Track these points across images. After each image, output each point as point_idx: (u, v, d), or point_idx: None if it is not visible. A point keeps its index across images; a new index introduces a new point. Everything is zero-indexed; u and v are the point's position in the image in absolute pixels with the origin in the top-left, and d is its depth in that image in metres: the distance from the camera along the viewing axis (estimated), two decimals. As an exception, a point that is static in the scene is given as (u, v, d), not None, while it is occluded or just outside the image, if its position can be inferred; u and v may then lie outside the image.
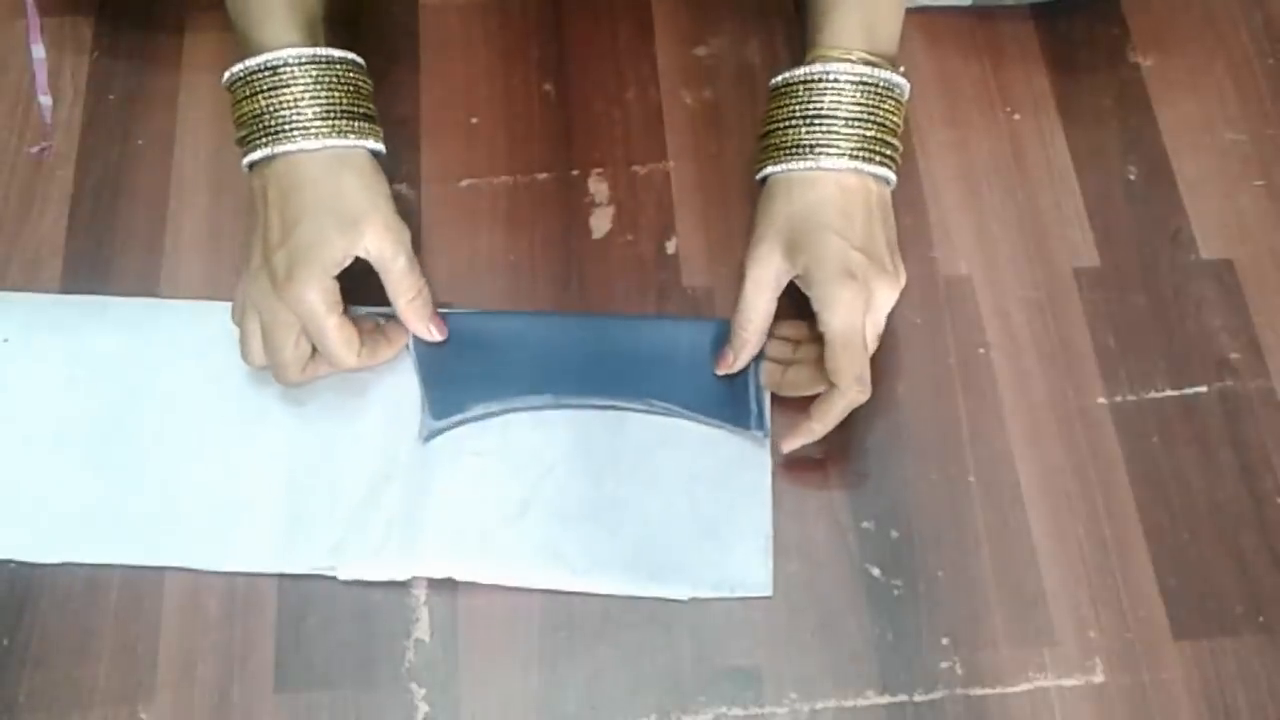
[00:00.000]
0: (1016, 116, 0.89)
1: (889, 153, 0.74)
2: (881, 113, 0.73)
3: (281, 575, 0.72)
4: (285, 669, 0.71)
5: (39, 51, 0.88)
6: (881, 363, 0.79)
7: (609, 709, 0.70)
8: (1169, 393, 0.79)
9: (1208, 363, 0.80)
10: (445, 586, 0.73)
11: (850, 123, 0.72)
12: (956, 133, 0.88)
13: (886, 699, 0.70)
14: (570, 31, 0.91)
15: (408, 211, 0.84)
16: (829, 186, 0.72)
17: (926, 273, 0.83)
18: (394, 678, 0.70)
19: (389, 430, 0.76)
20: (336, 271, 0.71)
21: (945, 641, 0.72)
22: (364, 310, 0.77)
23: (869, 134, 0.73)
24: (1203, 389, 0.79)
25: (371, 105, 0.75)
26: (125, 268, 0.82)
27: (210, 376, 0.78)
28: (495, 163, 0.85)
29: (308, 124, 0.72)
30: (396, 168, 0.85)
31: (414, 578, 0.73)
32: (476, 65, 0.90)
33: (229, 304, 0.78)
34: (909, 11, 0.91)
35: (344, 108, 0.73)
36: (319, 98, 0.72)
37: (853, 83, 0.73)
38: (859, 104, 0.73)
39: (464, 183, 0.85)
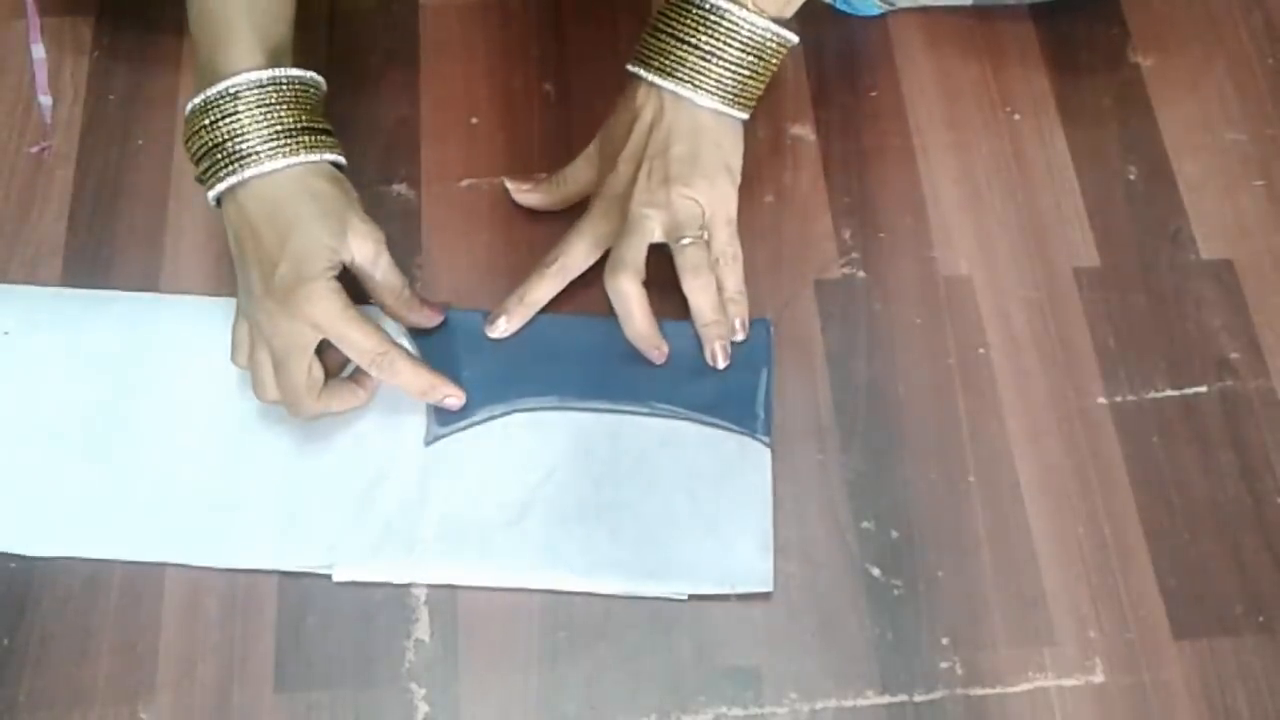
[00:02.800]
0: (1016, 116, 0.89)
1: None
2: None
3: (281, 575, 0.72)
4: (285, 669, 0.71)
5: (39, 51, 0.88)
6: (882, 362, 0.80)
7: (609, 709, 0.70)
8: (1169, 393, 0.79)
9: (1208, 363, 0.80)
10: (445, 586, 0.72)
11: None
12: (956, 133, 0.88)
13: (886, 699, 0.70)
14: (570, 31, 0.91)
15: (408, 211, 0.84)
16: None
17: (926, 273, 0.83)
18: (394, 678, 0.70)
19: (388, 431, 0.76)
20: (332, 273, 0.72)
21: (945, 641, 0.72)
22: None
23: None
24: (1203, 389, 0.79)
25: (326, 121, 0.75)
26: (125, 267, 0.82)
27: (211, 371, 0.78)
28: (495, 163, 0.85)
29: (275, 144, 0.72)
30: (396, 168, 0.85)
31: (412, 581, 0.73)
32: (476, 65, 0.90)
33: (230, 299, 0.78)
34: (909, 11, 0.91)
35: (304, 125, 0.73)
36: (280, 118, 0.72)
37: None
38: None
39: (464, 183, 0.85)
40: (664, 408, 0.77)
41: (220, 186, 0.72)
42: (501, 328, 0.78)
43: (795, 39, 0.78)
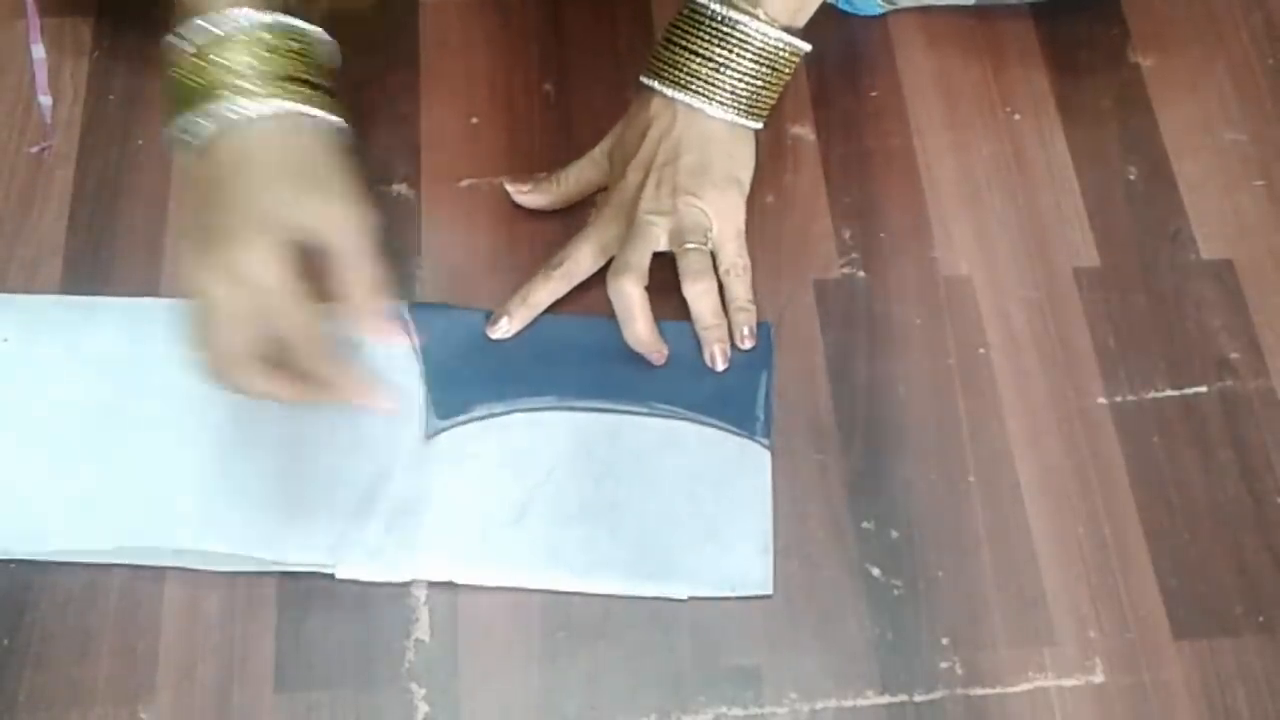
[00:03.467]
0: (1017, 117, 0.89)
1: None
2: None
3: (281, 575, 0.72)
4: (285, 669, 0.70)
5: (39, 51, 0.88)
6: (882, 362, 0.80)
7: (609, 709, 0.70)
8: (1169, 393, 0.79)
9: (1208, 363, 0.80)
10: (445, 586, 0.72)
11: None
12: (956, 133, 0.88)
13: (886, 699, 0.70)
14: (570, 31, 0.91)
15: (408, 211, 0.84)
16: None
17: (926, 273, 0.83)
18: (394, 678, 0.70)
19: (389, 430, 0.76)
20: (287, 239, 0.63)
21: (945, 641, 0.72)
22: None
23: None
24: (1203, 389, 0.79)
25: (332, 85, 0.69)
26: (125, 268, 0.82)
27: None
28: (495, 163, 0.85)
29: (272, 87, 0.66)
30: (396, 168, 0.85)
31: (414, 579, 0.73)
32: (476, 65, 0.90)
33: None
34: (909, 11, 0.91)
35: (303, 76, 0.68)
36: (272, 62, 0.66)
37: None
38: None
39: (464, 183, 0.85)
40: (664, 408, 0.77)
41: (202, 125, 0.66)
42: (504, 328, 0.78)
43: (808, 47, 0.78)
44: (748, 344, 0.79)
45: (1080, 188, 0.86)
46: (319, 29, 0.70)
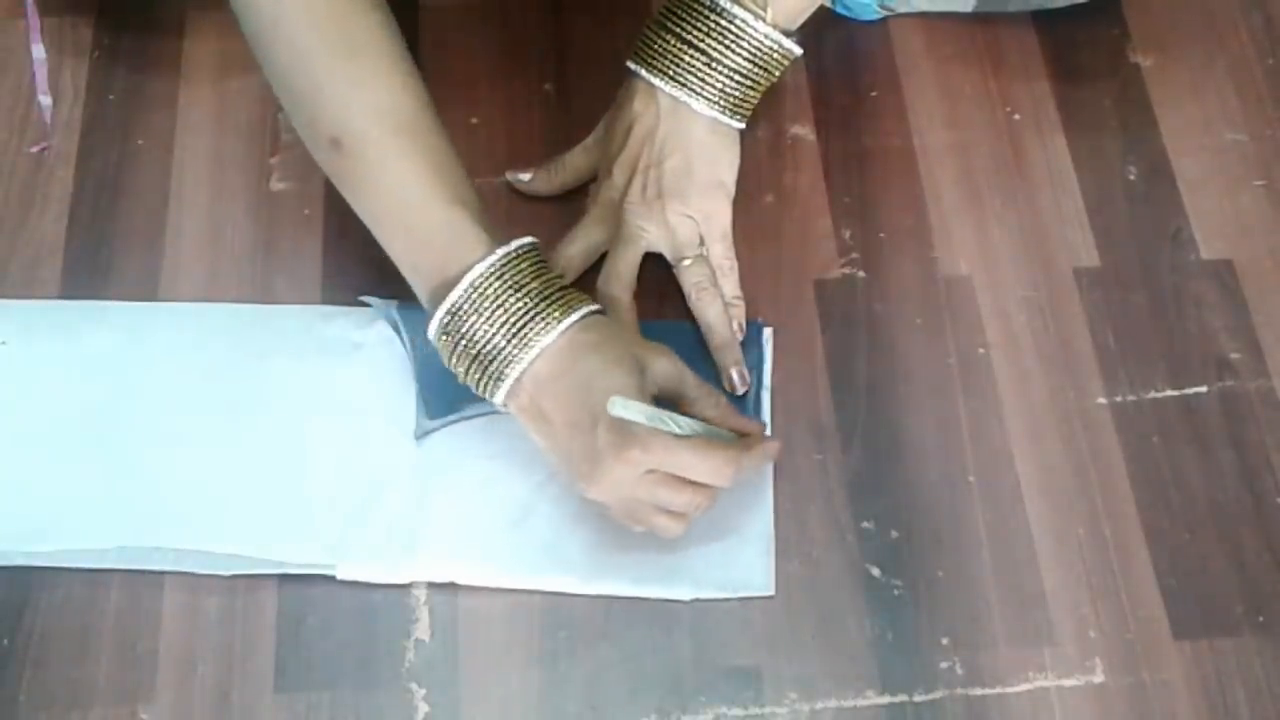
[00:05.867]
0: (1016, 117, 0.89)
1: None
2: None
3: (281, 575, 0.72)
4: (285, 669, 0.70)
5: (39, 52, 0.88)
6: (882, 362, 0.80)
7: (609, 709, 0.70)
8: (1169, 393, 0.79)
9: (1208, 363, 0.80)
10: (445, 586, 0.72)
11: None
12: (957, 133, 0.88)
13: (886, 699, 0.70)
14: (570, 32, 0.91)
15: (408, 211, 0.84)
16: None
17: (926, 273, 0.83)
18: (394, 678, 0.70)
19: (389, 431, 0.76)
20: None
21: (945, 641, 0.72)
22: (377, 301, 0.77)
23: None
24: (1203, 389, 0.79)
25: (549, 266, 0.70)
26: (125, 268, 0.82)
27: (207, 375, 0.78)
28: (495, 163, 0.85)
29: (529, 326, 0.67)
30: (396, 168, 0.85)
31: (414, 580, 0.73)
32: (476, 65, 0.90)
33: (226, 304, 0.78)
34: (908, 15, 0.91)
35: (546, 290, 0.68)
36: (524, 296, 0.68)
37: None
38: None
39: (464, 183, 0.85)
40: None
41: (501, 391, 0.69)
42: None
43: (800, 51, 0.78)
44: (738, 336, 0.79)
45: (1080, 188, 0.86)
46: (527, 239, 0.70)
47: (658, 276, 0.80)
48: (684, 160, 0.78)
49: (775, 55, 0.77)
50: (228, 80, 0.88)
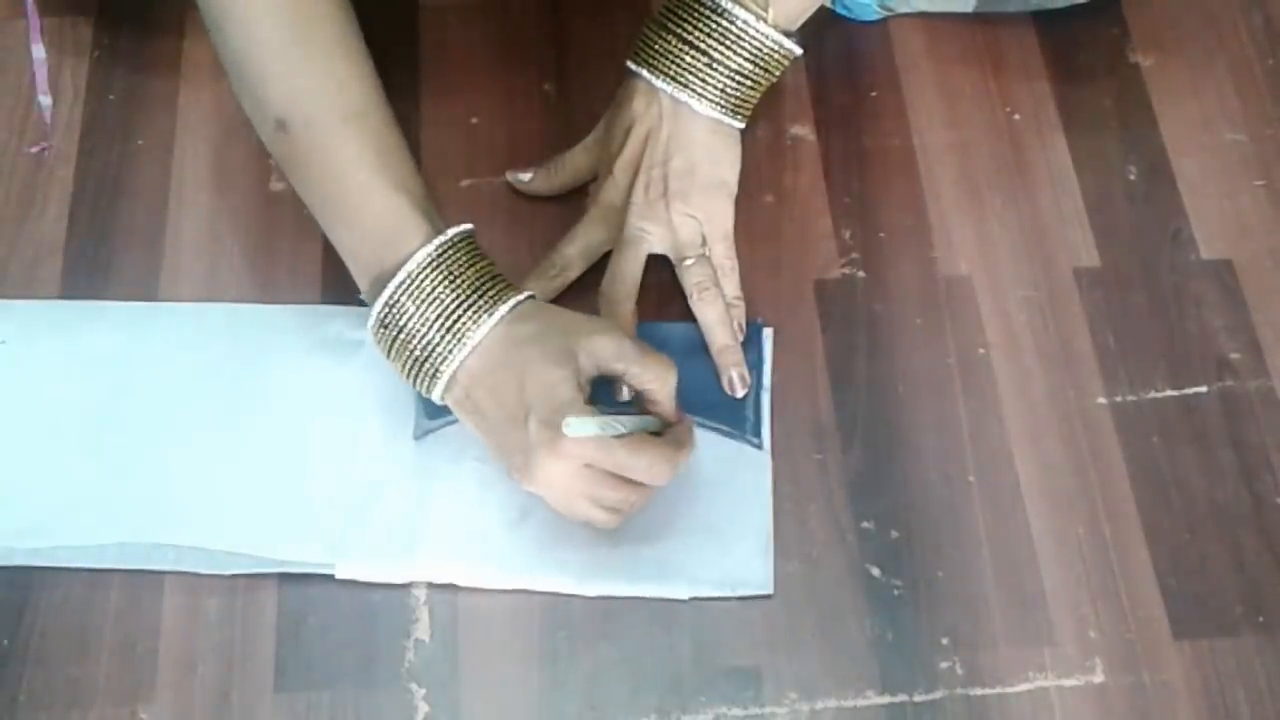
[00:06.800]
0: (1016, 117, 0.89)
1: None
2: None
3: (281, 575, 0.72)
4: (285, 669, 0.70)
5: (39, 52, 0.88)
6: (882, 362, 0.80)
7: (609, 709, 0.70)
8: (1169, 393, 0.79)
9: (1208, 363, 0.80)
10: (445, 587, 0.72)
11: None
12: (956, 133, 0.88)
13: (886, 699, 0.70)
14: (570, 31, 0.91)
15: (408, 211, 0.84)
16: None
17: (926, 273, 0.83)
18: (394, 678, 0.70)
19: (389, 431, 0.76)
20: (585, 399, 0.68)
21: (945, 641, 0.72)
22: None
23: None
24: (1203, 389, 0.79)
25: (486, 255, 0.71)
26: (125, 268, 0.82)
27: (207, 375, 0.78)
28: (495, 162, 0.85)
29: (460, 321, 0.68)
30: (396, 168, 0.85)
31: (413, 580, 0.73)
32: (476, 65, 0.90)
33: (226, 304, 0.78)
34: (908, 15, 0.91)
35: (479, 281, 0.69)
36: (467, 278, 0.68)
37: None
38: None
39: (464, 183, 0.85)
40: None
41: (438, 388, 0.69)
42: None
43: (800, 51, 0.78)
44: (739, 336, 0.79)
45: (1080, 188, 0.86)
46: (464, 226, 0.71)
47: (658, 277, 0.80)
48: (686, 161, 0.78)
49: (776, 55, 0.77)
50: (228, 80, 0.88)
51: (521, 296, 0.70)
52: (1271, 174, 0.87)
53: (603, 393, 0.72)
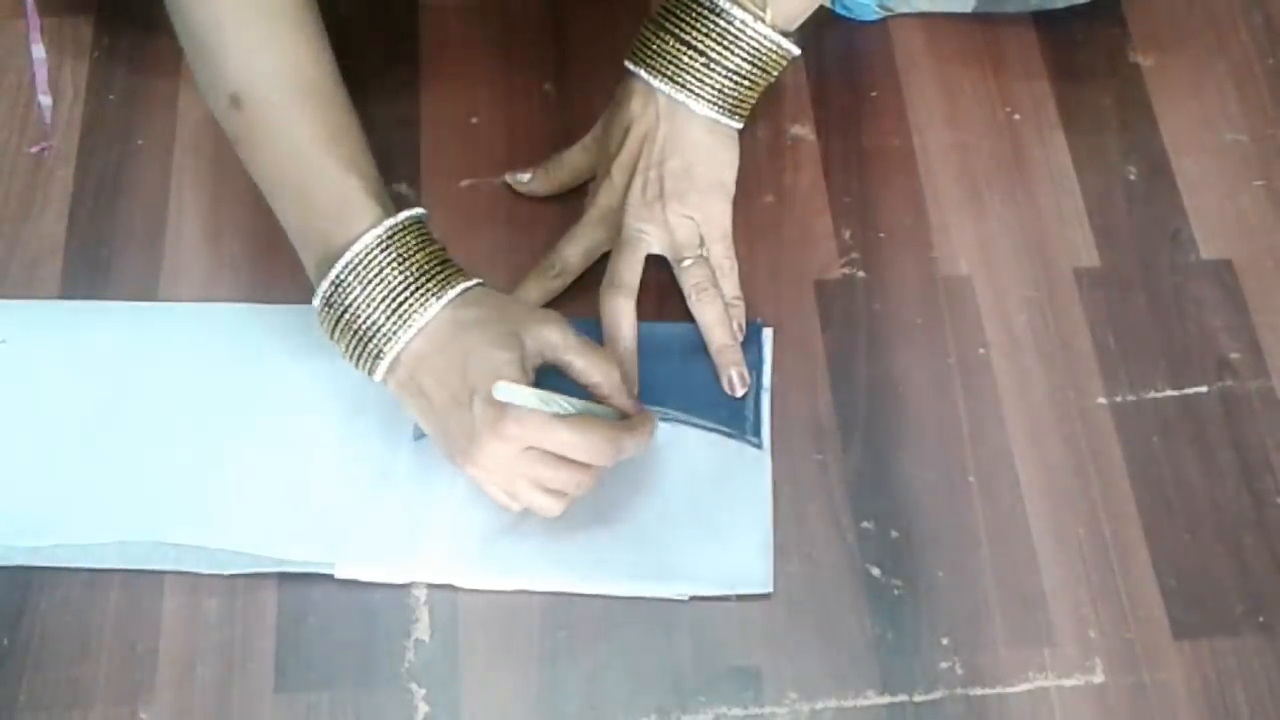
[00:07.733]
0: (1017, 117, 0.89)
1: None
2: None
3: (281, 576, 0.72)
4: (285, 669, 0.70)
5: (39, 52, 0.88)
6: (882, 362, 0.80)
7: (609, 709, 0.70)
8: (1169, 393, 0.79)
9: (1208, 363, 0.80)
10: (445, 586, 0.72)
11: None
12: (956, 133, 0.88)
13: (886, 699, 0.70)
14: (570, 31, 0.91)
15: (408, 211, 0.84)
16: None
17: (926, 273, 0.83)
18: (394, 678, 0.70)
19: (389, 431, 0.76)
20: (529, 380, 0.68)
21: (945, 641, 0.72)
22: None
23: None
24: (1203, 389, 0.79)
25: (433, 238, 0.71)
26: (125, 268, 0.82)
27: (207, 374, 0.78)
28: (495, 163, 0.85)
29: (406, 304, 0.68)
30: (396, 168, 0.85)
31: (413, 580, 0.73)
32: (476, 65, 0.90)
33: (227, 304, 0.78)
34: (908, 15, 0.91)
35: (427, 267, 0.69)
36: (405, 272, 0.68)
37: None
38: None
39: (464, 183, 0.85)
40: (655, 408, 0.76)
41: (380, 369, 0.69)
42: None
43: (798, 51, 0.78)
44: (738, 337, 0.79)
45: (1080, 188, 0.86)
46: (416, 210, 0.71)
47: (658, 277, 0.80)
48: (684, 161, 0.78)
49: (774, 56, 0.77)
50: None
51: (471, 283, 0.70)
52: (1271, 174, 0.87)
53: (570, 390, 0.72)
